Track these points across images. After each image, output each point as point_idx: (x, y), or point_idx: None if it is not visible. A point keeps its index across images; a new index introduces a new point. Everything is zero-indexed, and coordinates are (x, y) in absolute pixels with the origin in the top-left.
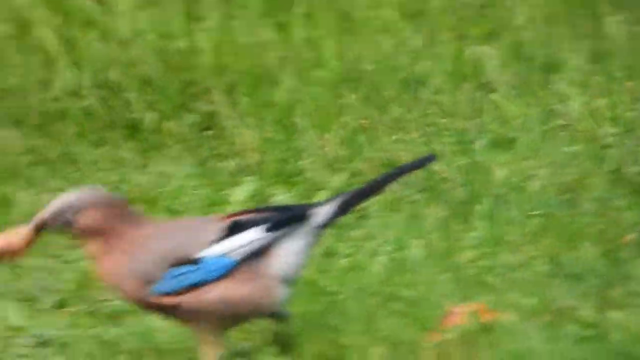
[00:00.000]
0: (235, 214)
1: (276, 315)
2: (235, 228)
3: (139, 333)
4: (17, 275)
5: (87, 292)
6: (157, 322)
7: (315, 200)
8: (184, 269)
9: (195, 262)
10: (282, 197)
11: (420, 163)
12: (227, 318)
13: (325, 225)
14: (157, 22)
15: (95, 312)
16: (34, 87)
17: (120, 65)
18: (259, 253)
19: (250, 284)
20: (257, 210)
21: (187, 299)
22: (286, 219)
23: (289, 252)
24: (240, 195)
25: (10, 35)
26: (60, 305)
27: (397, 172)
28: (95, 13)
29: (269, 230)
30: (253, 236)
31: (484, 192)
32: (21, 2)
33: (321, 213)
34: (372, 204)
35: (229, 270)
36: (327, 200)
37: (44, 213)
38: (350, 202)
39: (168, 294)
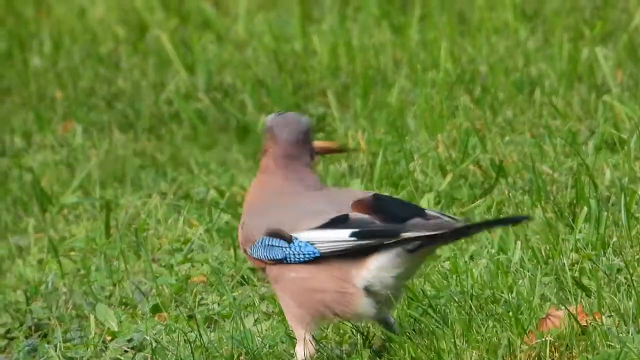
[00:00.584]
0: (362, 205)
1: (381, 321)
2: (339, 220)
3: (236, 337)
4: (116, 280)
5: (185, 296)
6: (253, 327)
7: (420, 202)
8: (275, 241)
9: (288, 239)
10: None
11: (513, 220)
12: (304, 306)
13: (413, 251)
14: (273, 25)
15: (192, 316)
16: (147, 90)
17: (234, 67)
18: (346, 255)
19: (329, 282)
20: (380, 210)
21: (271, 270)
22: (375, 232)
23: (379, 266)
24: None
25: (126, 39)
26: (158, 309)
27: (485, 223)
28: (212, 16)
29: (353, 235)
30: (338, 236)
31: (591, 194)
32: (139, 5)
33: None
34: (477, 206)
35: (312, 260)
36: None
37: None
38: (438, 238)
39: (259, 258)
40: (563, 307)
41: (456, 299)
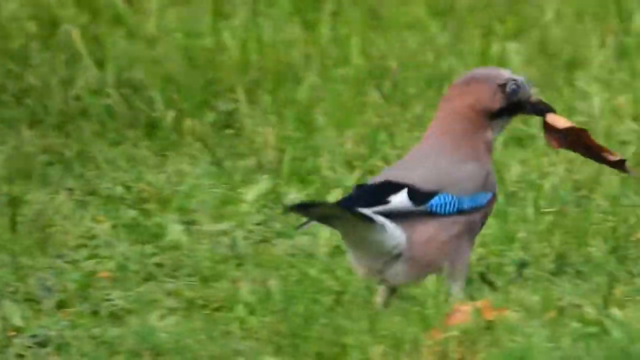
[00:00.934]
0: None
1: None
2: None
3: (139, 333)
4: (20, 276)
5: (90, 292)
6: (158, 322)
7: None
8: None
9: None
10: (295, 195)
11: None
12: None
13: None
14: (184, 20)
15: (97, 312)
16: (57, 86)
17: (144, 63)
18: None
19: None
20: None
21: None
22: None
23: None
24: (253, 194)
25: (37, 35)
26: (62, 305)
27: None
28: (124, 11)
29: None
30: None
31: (499, 189)
32: (51, 0)
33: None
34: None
35: None
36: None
37: None
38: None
39: None
40: (469, 302)
41: (362, 295)
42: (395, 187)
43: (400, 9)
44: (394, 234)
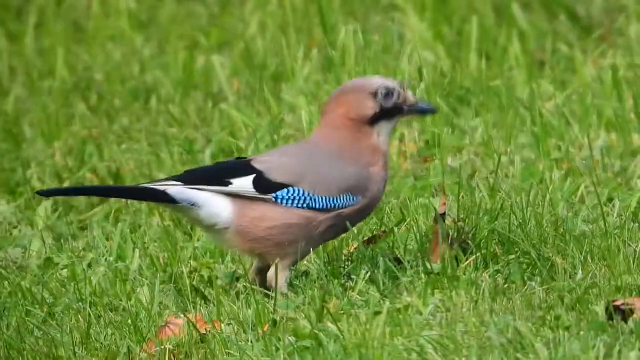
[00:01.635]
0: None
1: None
2: None
3: None
4: None
5: None
6: None
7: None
8: None
9: None
10: (4, 207)
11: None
12: None
13: None
14: None
15: None
16: None
17: None
18: None
19: None
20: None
21: None
22: None
23: None
24: None
25: None
26: None
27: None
28: None
29: None
30: None
31: None
32: None
33: None
34: (95, 214)
35: None
36: None
37: None
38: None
39: None
40: (182, 315)
41: (75, 307)
42: (245, 170)
43: (104, 22)
44: (210, 212)
